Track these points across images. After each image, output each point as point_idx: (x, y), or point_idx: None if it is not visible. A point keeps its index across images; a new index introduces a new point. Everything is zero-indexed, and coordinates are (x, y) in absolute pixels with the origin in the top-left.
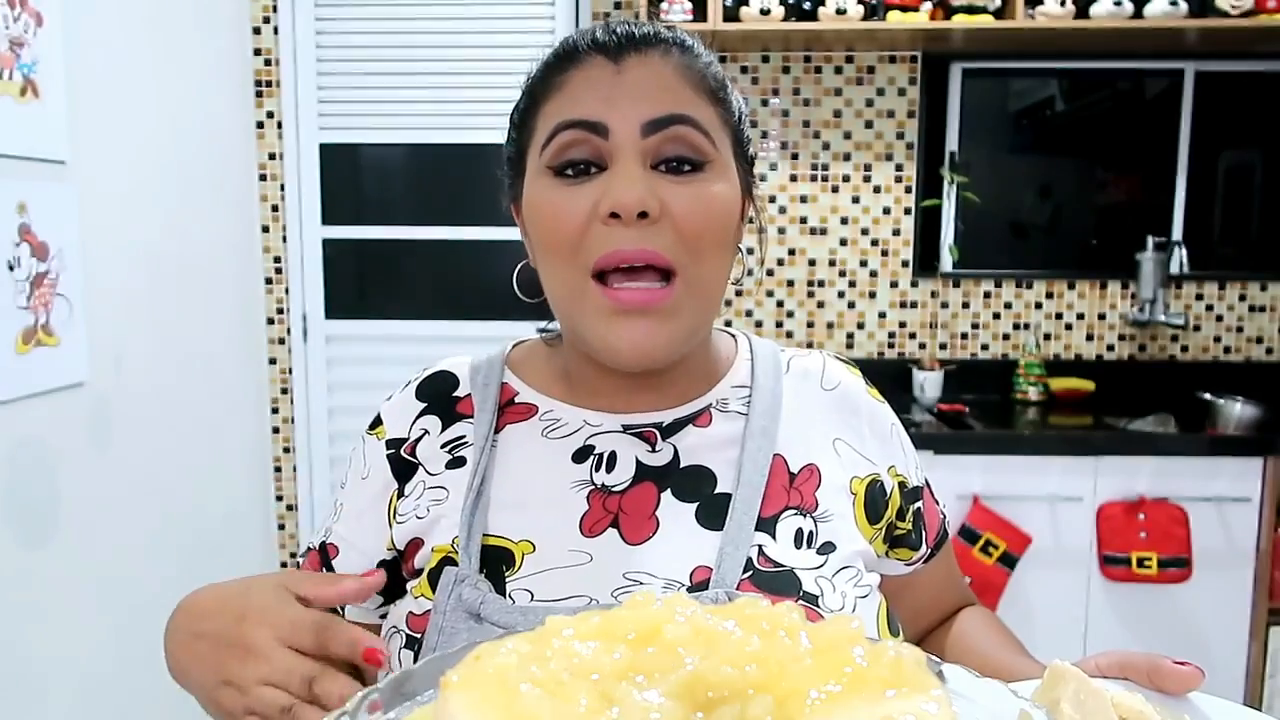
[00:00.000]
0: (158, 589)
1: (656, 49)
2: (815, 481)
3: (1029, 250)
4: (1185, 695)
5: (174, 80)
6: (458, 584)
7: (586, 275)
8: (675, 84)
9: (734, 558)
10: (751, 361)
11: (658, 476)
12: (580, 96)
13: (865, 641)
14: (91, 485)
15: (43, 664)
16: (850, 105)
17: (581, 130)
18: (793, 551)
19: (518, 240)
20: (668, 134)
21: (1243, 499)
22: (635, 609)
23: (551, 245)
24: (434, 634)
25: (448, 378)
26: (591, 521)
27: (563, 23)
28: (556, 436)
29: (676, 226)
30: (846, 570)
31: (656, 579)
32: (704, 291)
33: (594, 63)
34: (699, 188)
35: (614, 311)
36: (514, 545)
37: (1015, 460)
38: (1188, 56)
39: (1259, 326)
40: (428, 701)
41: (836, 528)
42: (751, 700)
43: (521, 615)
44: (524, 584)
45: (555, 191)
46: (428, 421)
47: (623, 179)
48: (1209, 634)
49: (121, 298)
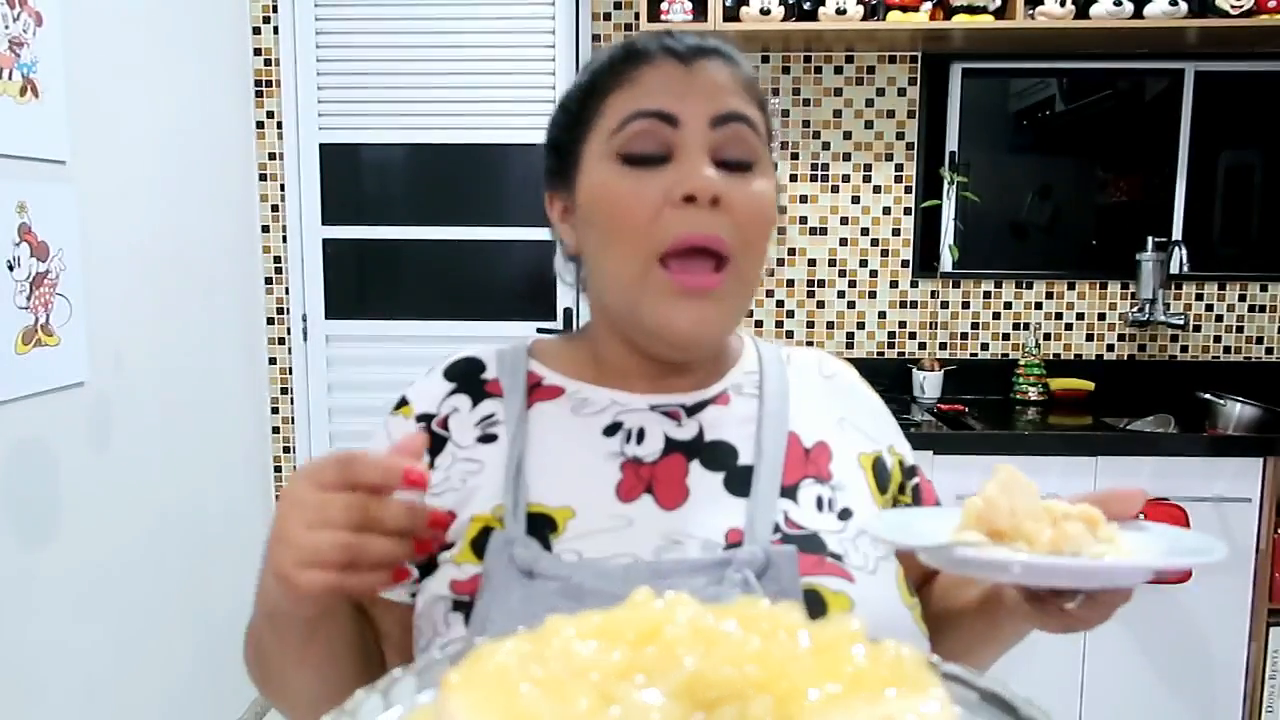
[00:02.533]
0: (158, 589)
1: (717, 58)
2: (828, 455)
3: (1029, 250)
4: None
5: (174, 80)
6: (508, 545)
7: (653, 258)
8: (735, 88)
9: (764, 520)
10: (758, 353)
11: (686, 448)
12: (653, 89)
13: (865, 641)
14: (91, 485)
15: (43, 664)
16: (850, 105)
17: (654, 120)
18: (816, 515)
19: (517, 240)
20: (730, 130)
21: (1243, 499)
22: (635, 609)
23: (619, 228)
24: (487, 593)
25: (474, 362)
26: (627, 488)
27: (563, 23)
28: (586, 414)
29: (735, 217)
30: (865, 535)
31: (695, 538)
32: (748, 281)
33: (664, 61)
34: (753, 185)
35: (677, 293)
36: (555, 511)
37: (1015, 460)
38: (1188, 56)
39: (1259, 326)
40: (427, 701)
41: (851, 496)
42: (751, 700)
43: (575, 569)
44: (570, 545)
45: (625, 178)
46: (457, 400)
47: (699, 166)
48: (1209, 634)
49: (121, 298)
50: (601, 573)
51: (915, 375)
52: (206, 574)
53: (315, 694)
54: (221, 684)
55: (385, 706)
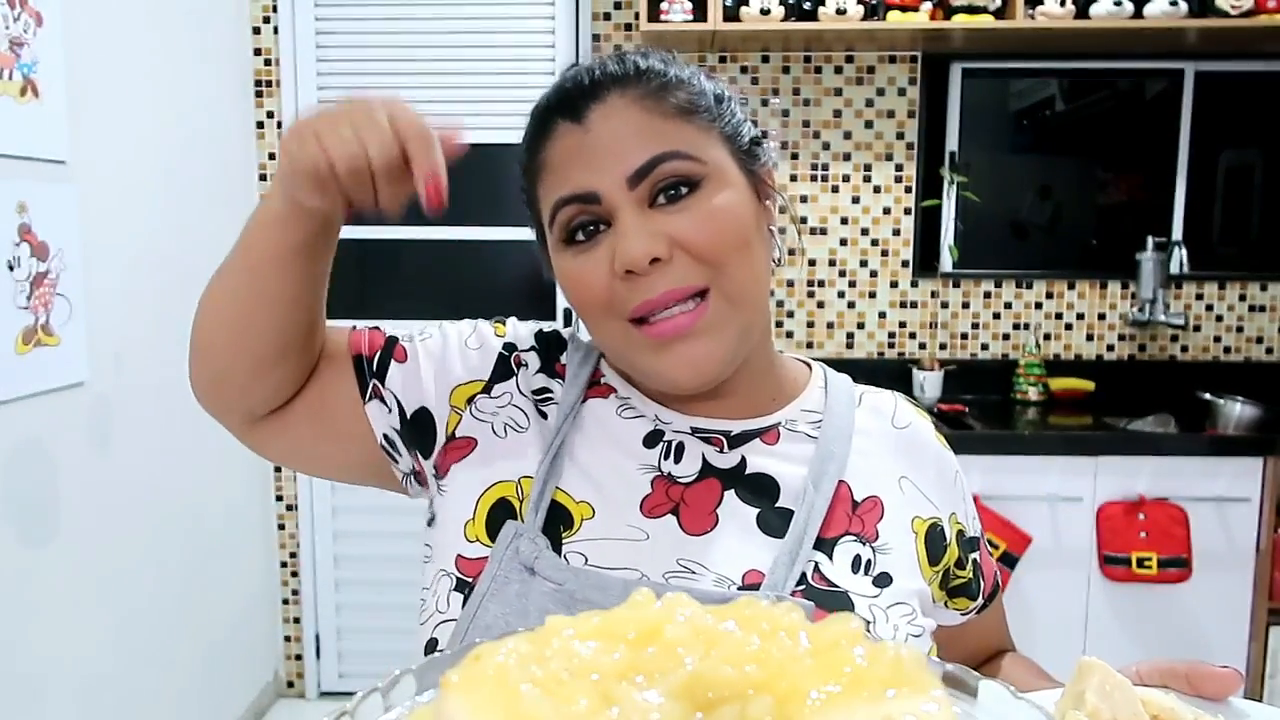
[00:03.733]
0: (158, 589)
1: (613, 91)
2: (878, 513)
3: (1029, 250)
4: (1226, 700)
5: (174, 80)
6: (517, 537)
7: (627, 323)
8: (642, 123)
9: (789, 567)
10: (825, 389)
11: (723, 477)
12: (562, 171)
13: (865, 641)
14: (91, 485)
15: (43, 664)
16: (850, 105)
17: (575, 205)
18: (849, 575)
19: (517, 241)
20: (653, 176)
21: (1243, 499)
22: (635, 609)
23: (586, 308)
24: (487, 581)
25: (559, 338)
26: (652, 504)
27: (563, 23)
28: (629, 417)
29: (692, 254)
30: (901, 606)
31: (709, 572)
32: (741, 295)
33: (562, 131)
34: (701, 207)
35: (659, 346)
36: (575, 506)
37: (1015, 460)
38: (1188, 56)
39: (1259, 326)
40: (428, 701)
41: (895, 561)
42: (751, 700)
43: (573, 575)
44: (579, 547)
45: (573, 262)
46: (533, 358)
47: (626, 236)
48: (1209, 634)
49: (121, 298)
50: (600, 584)
51: (915, 375)
52: (206, 574)
53: (280, 294)
54: (221, 684)
55: (385, 707)
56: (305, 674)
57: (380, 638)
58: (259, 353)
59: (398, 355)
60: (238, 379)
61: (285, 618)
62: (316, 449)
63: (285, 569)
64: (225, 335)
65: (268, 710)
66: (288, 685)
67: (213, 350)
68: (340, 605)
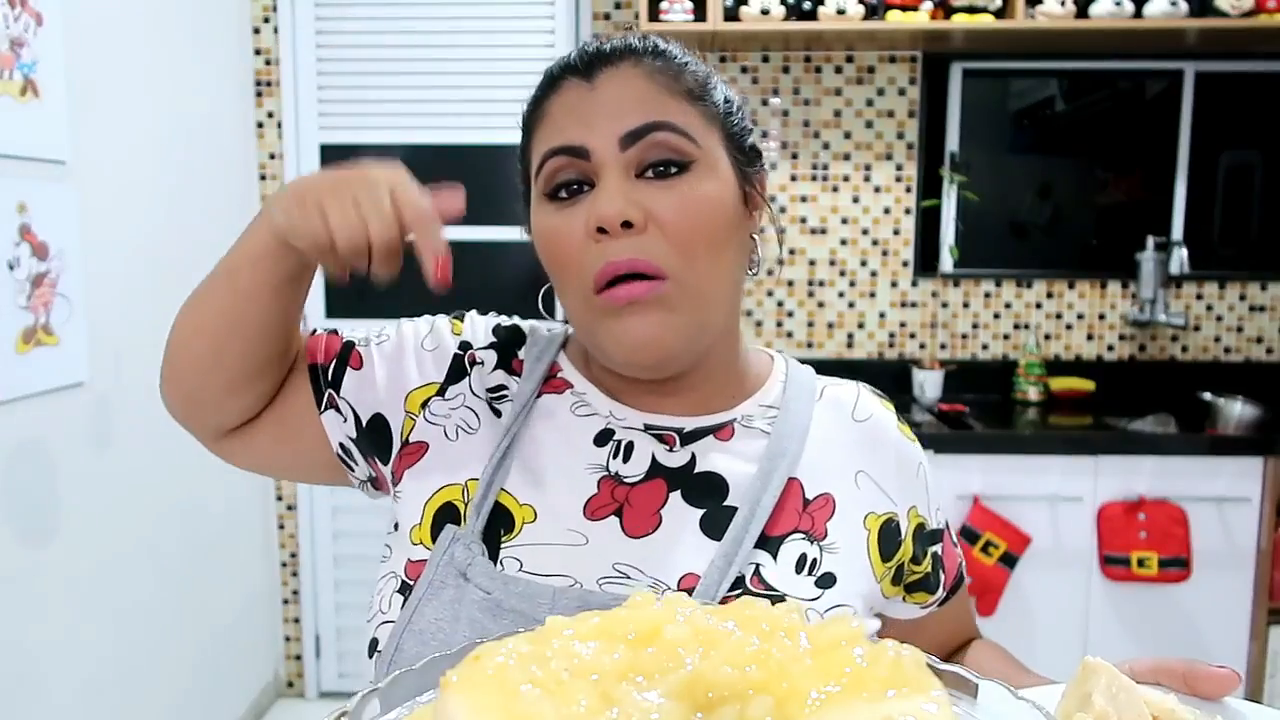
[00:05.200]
0: (157, 589)
1: (627, 60)
2: (829, 511)
3: (1029, 250)
4: (1221, 699)
5: (174, 80)
6: (454, 542)
7: (590, 290)
8: (649, 92)
9: (725, 571)
10: (785, 384)
11: (670, 476)
12: (560, 122)
13: (865, 641)
14: (91, 485)
15: (42, 663)
16: (850, 105)
17: (565, 156)
18: (791, 577)
19: (518, 241)
20: (646, 142)
21: (1243, 499)
22: (635, 609)
23: (555, 266)
24: (423, 586)
25: (517, 333)
26: (596, 505)
27: (563, 22)
28: (582, 415)
29: (665, 232)
30: (841, 609)
31: (645, 576)
32: (700, 291)
33: (569, 86)
34: (685, 190)
35: (614, 312)
36: (518, 509)
37: (1015, 460)
38: (1188, 56)
39: (1259, 326)
40: (428, 702)
41: (842, 561)
42: (751, 700)
43: (503, 584)
44: (515, 552)
45: (552, 217)
46: (489, 355)
47: (604, 194)
48: (1209, 634)
49: (121, 298)
50: (528, 594)
51: (915, 375)
52: (206, 574)
53: (257, 321)
54: (221, 684)
55: (385, 707)
56: (305, 674)
57: None
58: (235, 373)
59: (353, 362)
60: (212, 396)
61: (285, 617)
62: (279, 457)
63: (285, 569)
64: (203, 355)
65: (267, 710)
66: (287, 685)
67: (188, 369)
68: (340, 605)
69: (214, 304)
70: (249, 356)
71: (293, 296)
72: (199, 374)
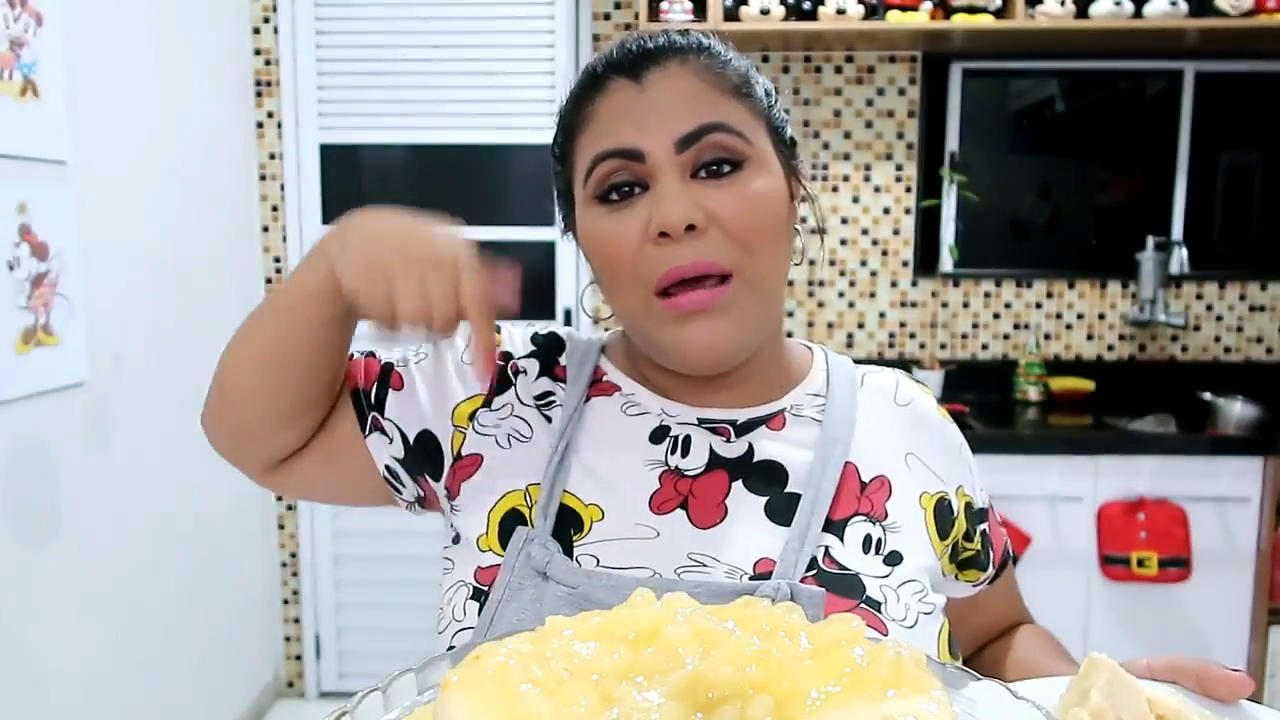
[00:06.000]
0: (158, 589)
1: (674, 59)
2: (886, 492)
3: (1029, 250)
4: (1235, 702)
5: (174, 80)
6: (528, 543)
7: (650, 293)
8: (699, 92)
9: (799, 554)
10: (827, 372)
11: (731, 467)
12: (611, 125)
13: (865, 642)
14: (91, 485)
15: (43, 663)
16: (850, 105)
17: (618, 159)
18: (860, 556)
19: (519, 241)
20: (702, 144)
21: (1242, 499)
22: (635, 609)
23: (612, 271)
24: (500, 589)
25: (557, 339)
26: (661, 500)
27: (563, 23)
28: (634, 414)
29: (726, 231)
30: (912, 584)
31: (721, 564)
32: (763, 286)
33: (617, 86)
34: (741, 187)
35: (677, 319)
36: (584, 509)
37: (1015, 460)
38: (1187, 56)
39: (1259, 326)
40: (428, 702)
41: (905, 539)
42: (751, 700)
43: (587, 578)
44: (590, 549)
45: (605, 220)
46: (531, 364)
47: (666, 198)
48: (1209, 634)
49: (121, 298)
50: (613, 584)
51: (915, 375)
52: (206, 574)
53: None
54: (221, 684)
55: (385, 707)
56: (305, 674)
57: (380, 638)
58: (288, 405)
59: (394, 383)
60: (264, 429)
61: (285, 618)
62: (327, 485)
63: (285, 569)
64: (257, 389)
65: (267, 710)
66: (287, 685)
67: (241, 402)
68: (340, 605)
69: (268, 338)
70: (301, 388)
71: (343, 331)
72: (252, 407)
